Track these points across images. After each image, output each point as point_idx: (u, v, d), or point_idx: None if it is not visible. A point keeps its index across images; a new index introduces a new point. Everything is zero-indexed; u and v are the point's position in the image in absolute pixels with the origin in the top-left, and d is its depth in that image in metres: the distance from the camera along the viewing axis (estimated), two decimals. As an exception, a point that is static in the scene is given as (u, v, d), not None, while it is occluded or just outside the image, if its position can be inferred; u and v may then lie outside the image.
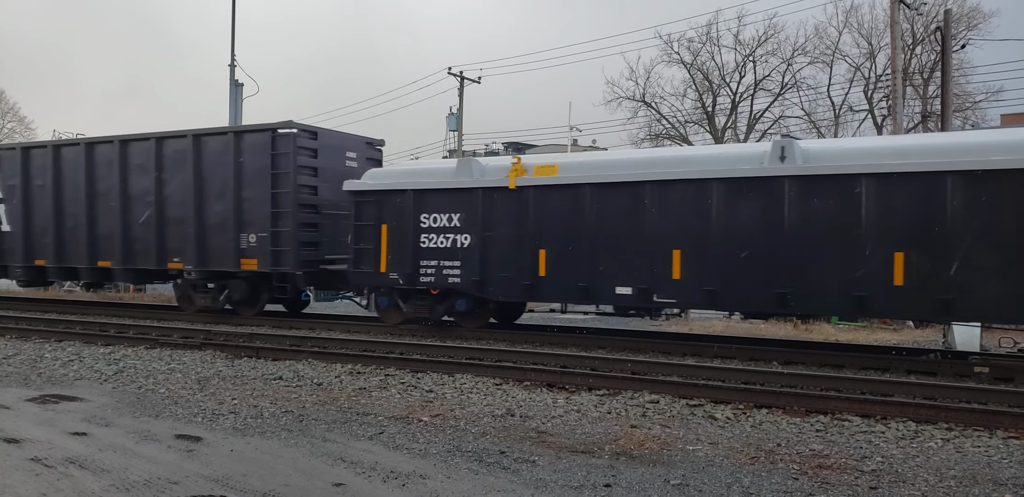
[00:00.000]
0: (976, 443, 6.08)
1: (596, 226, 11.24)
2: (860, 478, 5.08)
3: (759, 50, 39.83)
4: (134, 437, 5.97)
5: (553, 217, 11.60)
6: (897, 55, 19.65)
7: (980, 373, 9.18)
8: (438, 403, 7.42)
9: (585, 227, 11.32)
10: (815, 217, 9.91)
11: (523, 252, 11.79)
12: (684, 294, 10.84)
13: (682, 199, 10.69)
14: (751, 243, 10.26)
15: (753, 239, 10.24)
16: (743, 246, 10.30)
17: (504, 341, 12.21)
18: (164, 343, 11.30)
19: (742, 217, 10.34)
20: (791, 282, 9.99)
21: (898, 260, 9.37)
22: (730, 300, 10.90)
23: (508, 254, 11.96)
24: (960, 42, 28.71)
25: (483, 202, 12.12)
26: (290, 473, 5.06)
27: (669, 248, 10.72)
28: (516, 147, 43.74)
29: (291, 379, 8.69)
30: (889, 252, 9.42)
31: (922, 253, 9.28)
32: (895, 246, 9.41)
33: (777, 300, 10.12)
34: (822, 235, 9.84)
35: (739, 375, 8.82)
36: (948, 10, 24.97)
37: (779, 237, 10.07)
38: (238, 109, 23.25)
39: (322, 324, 14.06)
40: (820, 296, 9.91)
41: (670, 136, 41.24)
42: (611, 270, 11.16)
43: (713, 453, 5.68)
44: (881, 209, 9.52)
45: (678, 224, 10.71)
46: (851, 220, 9.66)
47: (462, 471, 5.15)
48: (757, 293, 10.24)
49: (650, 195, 10.86)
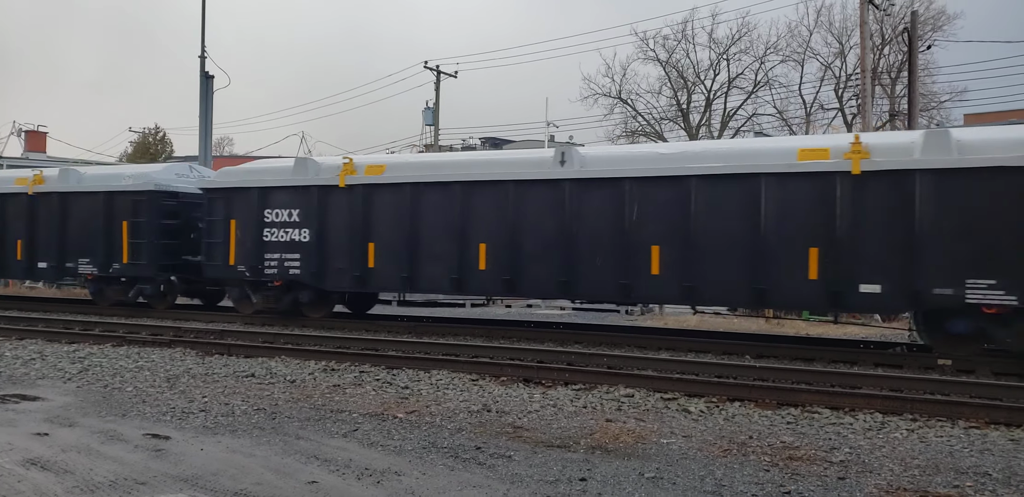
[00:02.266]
0: (939, 433, 6.21)
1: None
2: (829, 469, 5.16)
3: (733, 48, 40.17)
4: (99, 437, 5.87)
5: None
6: (866, 55, 19.92)
7: (944, 365, 9.38)
8: (413, 399, 7.40)
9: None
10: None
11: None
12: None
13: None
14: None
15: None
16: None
17: (481, 337, 12.20)
18: (132, 340, 11.12)
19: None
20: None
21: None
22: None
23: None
24: (926, 43, 29.25)
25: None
26: (262, 472, 5.01)
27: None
28: (493, 142, 43.71)
29: (264, 376, 8.60)
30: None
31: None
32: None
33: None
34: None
35: (713, 369, 8.91)
36: (915, 12, 25.41)
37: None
38: (209, 102, 22.90)
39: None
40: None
41: (646, 133, 41.44)
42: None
43: (687, 446, 5.73)
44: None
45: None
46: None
47: (437, 467, 5.14)
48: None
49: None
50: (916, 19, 23.20)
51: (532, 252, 11.62)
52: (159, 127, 50.83)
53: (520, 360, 9.47)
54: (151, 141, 50.05)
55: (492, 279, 11.91)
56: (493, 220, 11.87)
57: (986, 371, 9.10)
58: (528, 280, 11.74)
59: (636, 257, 10.92)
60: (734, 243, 10.42)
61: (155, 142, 50.11)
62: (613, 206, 11.07)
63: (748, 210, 10.32)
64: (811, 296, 10.17)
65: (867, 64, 19.86)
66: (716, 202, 10.53)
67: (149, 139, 50.13)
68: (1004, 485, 4.87)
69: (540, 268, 11.57)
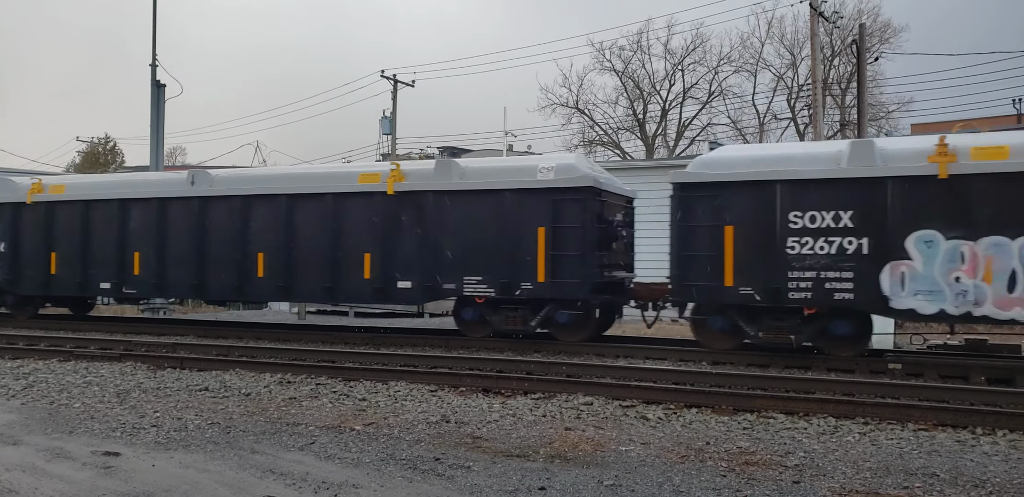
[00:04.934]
0: (890, 436, 6.36)
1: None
2: (784, 473, 5.25)
3: (687, 59, 40.91)
4: (45, 455, 5.68)
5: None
6: (817, 66, 20.47)
7: (894, 369, 9.62)
8: (371, 411, 7.32)
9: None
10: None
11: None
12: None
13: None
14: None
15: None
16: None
17: (440, 347, 12.14)
18: (80, 355, 10.79)
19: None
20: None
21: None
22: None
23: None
24: (874, 55, 30.17)
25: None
26: (216, 487, 4.90)
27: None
28: (451, 151, 43.61)
29: (218, 390, 8.43)
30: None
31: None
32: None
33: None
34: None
35: (670, 376, 8.99)
36: (862, 24, 26.23)
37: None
38: (161, 111, 22.44)
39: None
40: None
41: (603, 143, 41.90)
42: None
43: (645, 453, 5.77)
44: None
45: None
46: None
47: (396, 479, 5.09)
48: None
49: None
50: (864, 32, 23.94)
51: (176, 259, 13.80)
52: (109, 137, 49.69)
53: (479, 370, 9.44)
54: (101, 151, 48.86)
55: (144, 282, 14.14)
56: (147, 231, 14.01)
57: (934, 374, 9.37)
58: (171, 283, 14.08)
59: (246, 263, 13.16)
60: (313, 250, 12.77)
61: (105, 152, 48.94)
62: (231, 220, 13.33)
63: (324, 223, 12.67)
64: (366, 292, 12.62)
65: (818, 75, 20.40)
66: (303, 217, 12.89)
67: (99, 149, 48.94)
68: (951, 485, 5.01)
69: (181, 273, 13.80)
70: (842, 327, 10.02)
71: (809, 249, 9.87)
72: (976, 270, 9.19)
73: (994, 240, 9.13)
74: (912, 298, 9.45)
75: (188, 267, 13.65)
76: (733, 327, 10.52)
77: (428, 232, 12.01)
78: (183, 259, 13.71)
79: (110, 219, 14.28)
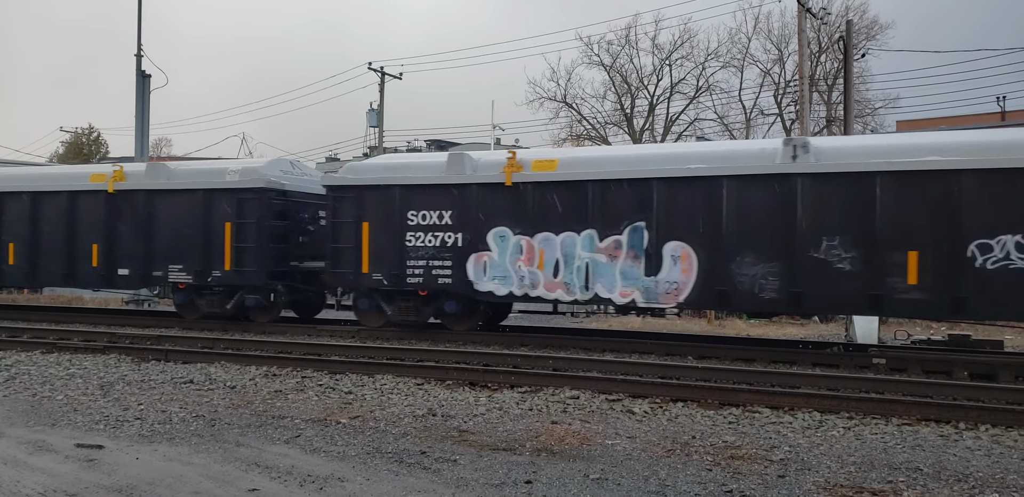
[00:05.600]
0: (874, 430, 6.41)
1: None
2: (769, 467, 5.28)
3: (675, 54, 40.90)
4: (27, 448, 5.62)
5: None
6: (804, 62, 20.52)
7: (878, 364, 9.70)
8: (357, 404, 7.29)
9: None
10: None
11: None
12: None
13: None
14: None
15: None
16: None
17: (427, 341, 12.12)
18: (63, 347, 10.69)
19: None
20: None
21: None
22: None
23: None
24: (861, 51, 30.24)
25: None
26: (200, 480, 4.87)
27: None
28: (439, 145, 43.50)
29: (203, 382, 8.37)
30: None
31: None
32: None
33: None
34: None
35: (656, 370, 9.02)
36: (849, 21, 26.25)
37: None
38: (145, 101, 22.22)
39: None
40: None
41: (591, 137, 41.87)
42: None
43: (631, 447, 5.79)
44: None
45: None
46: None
47: (382, 472, 5.07)
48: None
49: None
50: (851, 28, 23.98)
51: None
52: (93, 127, 49.15)
53: (466, 363, 9.43)
54: (84, 142, 48.32)
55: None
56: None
57: (917, 370, 9.45)
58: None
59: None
60: (53, 241, 14.30)
61: (89, 143, 48.40)
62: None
63: (61, 217, 14.24)
64: (95, 278, 14.22)
65: (805, 71, 20.46)
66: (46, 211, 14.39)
67: (82, 140, 48.39)
68: (934, 479, 5.05)
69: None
70: (452, 306, 12.01)
71: (421, 242, 11.95)
72: (532, 259, 11.35)
73: (544, 235, 11.25)
74: (491, 282, 11.55)
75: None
76: (378, 307, 12.47)
77: (142, 226, 13.67)
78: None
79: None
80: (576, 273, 11.03)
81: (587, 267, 10.97)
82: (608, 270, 10.86)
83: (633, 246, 10.73)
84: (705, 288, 10.41)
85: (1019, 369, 9.12)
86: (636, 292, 10.74)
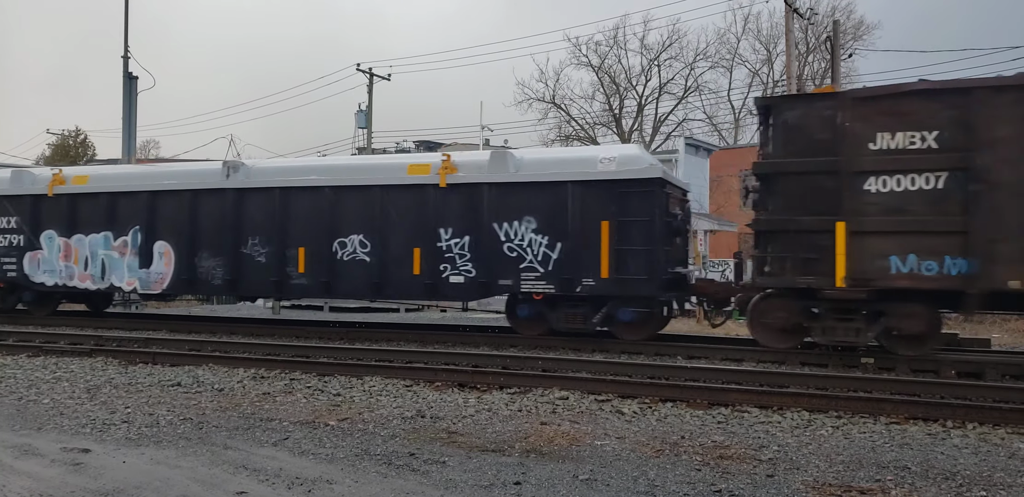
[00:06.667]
0: (862, 429, 6.44)
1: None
2: (758, 467, 5.29)
3: (663, 54, 41.05)
4: (13, 452, 5.56)
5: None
6: (792, 62, 20.63)
7: (866, 364, 9.75)
8: (346, 406, 7.26)
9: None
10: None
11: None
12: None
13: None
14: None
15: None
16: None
17: (415, 342, 12.09)
18: (49, 350, 10.60)
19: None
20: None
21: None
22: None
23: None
24: (848, 51, 30.42)
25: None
26: (188, 483, 4.83)
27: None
28: (428, 145, 43.43)
29: (190, 385, 8.32)
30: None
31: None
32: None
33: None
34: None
35: (645, 370, 9.03)
36: (836, 21, 26.40)
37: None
38: (133, 103, 22.09)
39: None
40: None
41: (579, 138, 41.93)
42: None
43: (620, 447, 5.79)
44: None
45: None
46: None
47: (370, 474, 5.05)
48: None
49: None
50: (838, 28, 24.11)
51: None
52: (80, 129, 48.80)
53: (455, 365, 9.42)
54: (71, 144, 47.98)
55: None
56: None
57: (905, 369, 9.50)
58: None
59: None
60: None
61: (75, 145, 48.07)
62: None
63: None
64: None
65: (793, 71, 20.57)
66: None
67: (69, 141, 48.05)
68: (922, 478, 5.08)
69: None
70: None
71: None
72: (69, 256, 14.49)
73: (78, 237, 14.41)
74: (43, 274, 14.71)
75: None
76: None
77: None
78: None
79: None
80: (99, 267, 14.25)
81: (103, 262, 14.20)
82: (120, 264, 14.14)
83: (135, 245, 14.00)
84: (179, 277, 13.64)
85: (1006, 367, 9.19)
86: (137, 281, 14.00)
